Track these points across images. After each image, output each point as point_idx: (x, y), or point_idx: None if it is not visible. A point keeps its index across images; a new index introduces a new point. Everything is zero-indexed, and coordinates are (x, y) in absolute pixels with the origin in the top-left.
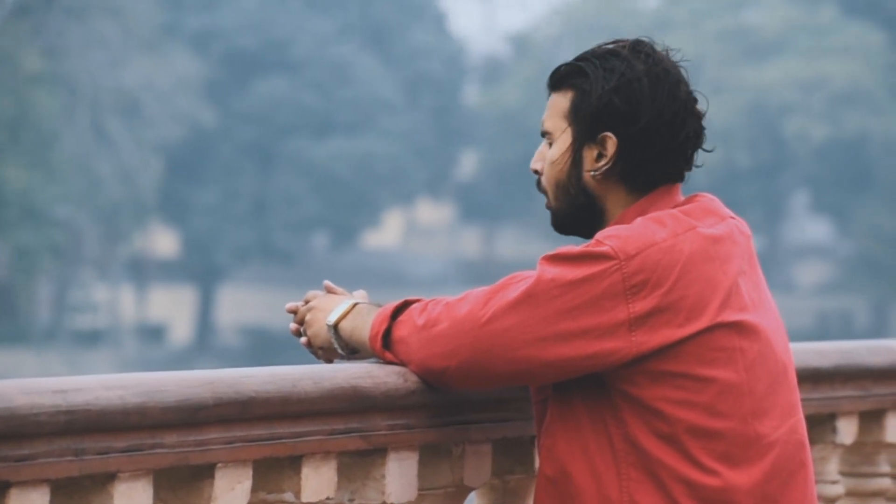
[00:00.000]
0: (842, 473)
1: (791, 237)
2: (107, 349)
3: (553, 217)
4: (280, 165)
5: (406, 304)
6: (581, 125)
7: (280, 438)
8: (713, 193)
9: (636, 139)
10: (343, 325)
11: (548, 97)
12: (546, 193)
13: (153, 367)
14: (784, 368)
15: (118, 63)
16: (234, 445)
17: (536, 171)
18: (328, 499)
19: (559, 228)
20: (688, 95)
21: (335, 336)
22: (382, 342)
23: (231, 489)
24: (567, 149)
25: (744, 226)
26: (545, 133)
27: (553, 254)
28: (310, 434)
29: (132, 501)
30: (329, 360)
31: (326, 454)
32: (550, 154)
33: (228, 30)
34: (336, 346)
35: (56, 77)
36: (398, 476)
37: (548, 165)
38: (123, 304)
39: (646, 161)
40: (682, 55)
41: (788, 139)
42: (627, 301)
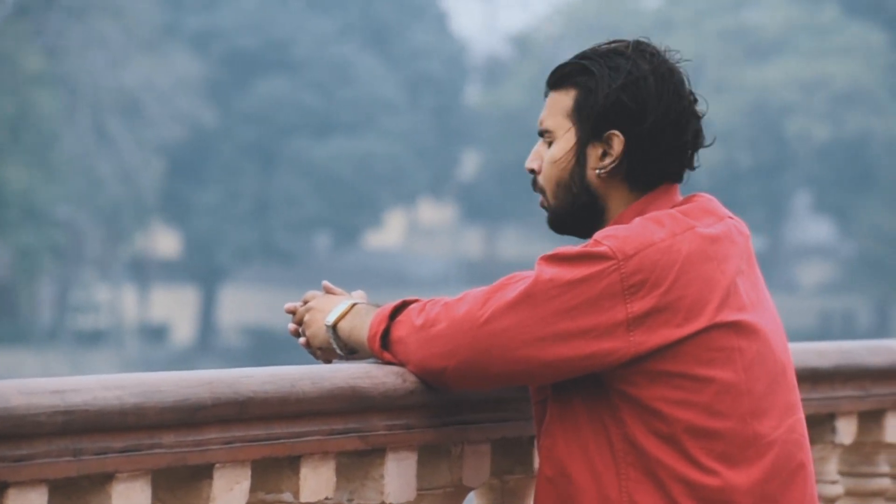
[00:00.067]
0: (841, 473)
1: (793, 237)
2: (109, 349)
3: (551, 216)
4: (281, 165)
5: (404, 305)
6: (586, 123)
7: (278, 439)
8: (715, 193)
9: (643, 138)
10: (342, 326)
11: (546, 96)
12: (543, 192)
13: (155, 368)
14: (783, 368)
15: (119, 63)
16: (233, 446)
17: (533, 171)
18: (327, 499)
19: (556, 228)
20: (690, 95)
21: (334, 336)
22: (381, 342)
23: (229, 489)
24: (571, 147)
25: (742, 226)
26: (544, 132)
27: (551, 254)
28: (308, 434)
29: (130, 501)
30: (328, 361)
31: (325, 454)
32: (551, 153)
33: (229, 30)
34: (335, 347)
35: (57, 77)
36: (397, 476)
37: (548, 164)
38: (125, 305)
39: (650, 160)
40: (682, 55)
41: (790, 139)
42: (625, 301)
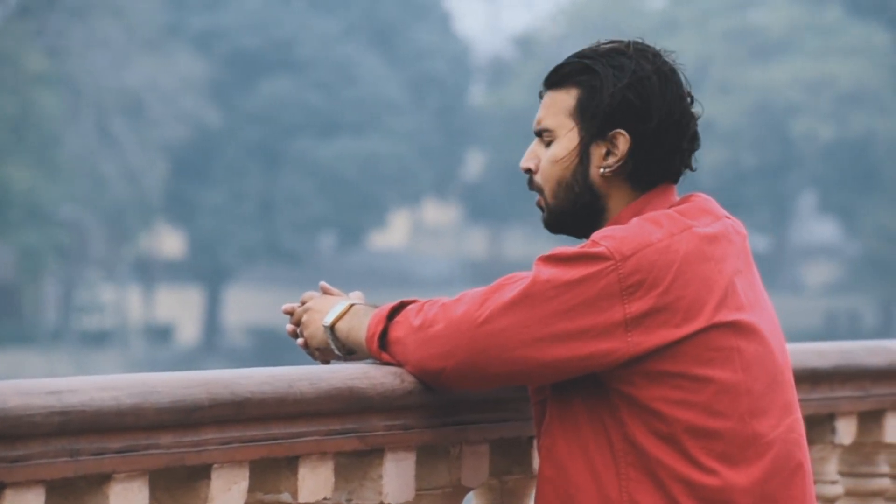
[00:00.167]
0: (841, 473)
1: (798, 237)
2: (114, 350)
3: (549, 215)
4: (286, 166)
5: (402, 305)
6: (590, 122)
7: (276, 439)
8: (720, 193)
9: (648, 137)
10: (340, 326)
11: (542, 95)
12: (541, 191)
13: (160, 368)
14: (781, 368)
15: (122, 63)
16: (231, 446)
17: (529, 170)
18: (325, 499)
19: (554, 227)
20: (689, 96)
21: (332, 337)
22: (379, 343)
23: (227, 490)
24: (575, 146)
25: (739, 225)
26: (543, 131)
27: (549, 254)
28: (306, 435)
29: (128, 502)
30: (326, 361)
31: (323, 455)
32: (553, 152)
33: (232, 30)
34: (333, 347)
35: (59, 77)
36: (395, 476)
37: (548, 163)
38: (130, 305)
39: (654, 160)
40: (677, 56)
41: (795, 139)
42: (623, 301)
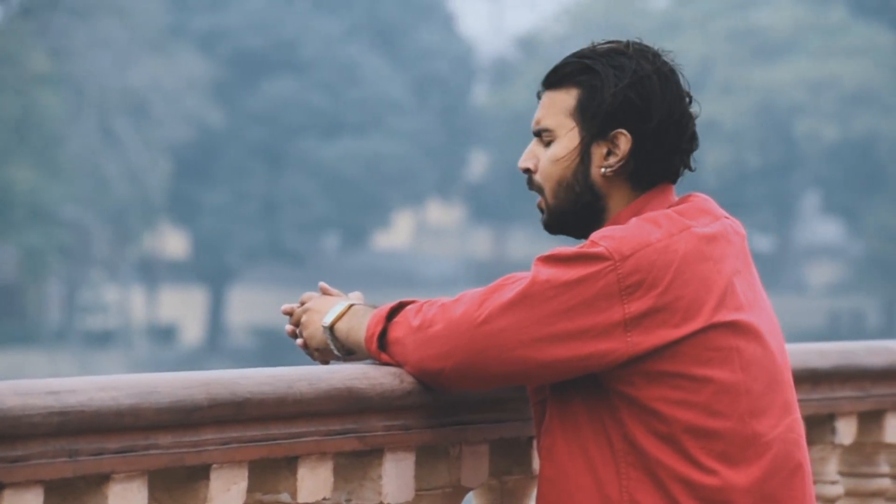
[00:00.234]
0: (841, 474)
1: (801, 238)
2: (117, 350)
3: (549, 216)
4: (289, 166)
5: (401, 306)
6: (591, 122)
7: (276, 439)
8: (723, 194)
9: (648, 137)
10: (339, 327)
11: (541, 95)
12: (541, 191)
13: (164, 368)
14: (780, 368)
15: (125, 63)
16: (230, 446)
17: (528, 170)
18: (325, 499)
19: (553, 227)
20: (688, 96)
21: (331, 337)
22: (378, 343)
23: (227, 490)
24: (575, 146)
25: (738, 225)
26: (543, 131)
27: (548, 255)
28: (306, 435)
29: (127, 502)
30: (325, 362)
31: (322, 455)
32: (553, 151)
33: (235, 30)
34: (332, 348)
35: (62, 77)
36: (395, 477)
37: (548, 163)
38: (134, 305)
39: (655, 160)
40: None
41: (798, 140)
42: (622, 302)
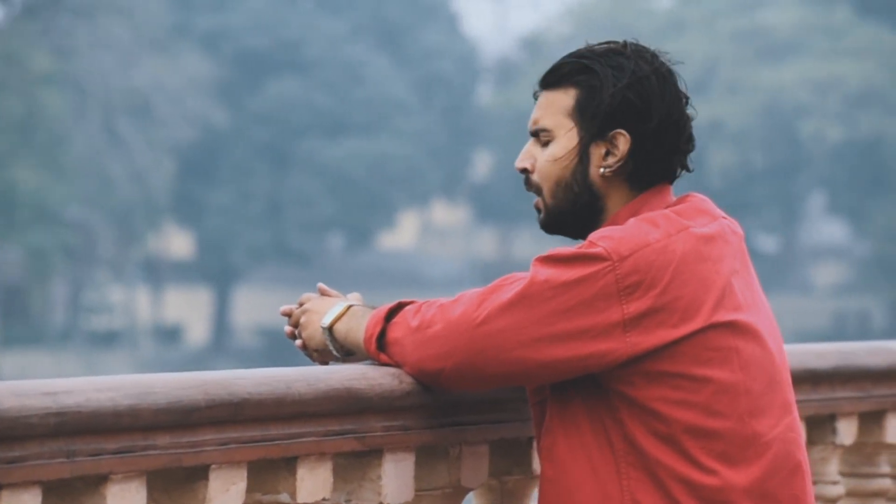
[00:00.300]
0: (842, 474)
1: (807, 238)
2: (123, 350)
3: (547, 216)
4: (294, 166)
5: (400, 306)
6: (590, 122)
7: (274, 440)
8: (729, 194)
9: (648, 137)
10: (338, 328)
11: (538, 95)
12: (539, 191)
13: (170, 369)
14: (779, 368)
15: (128, 63)
16: (229, 447)
17: (525, 170)
18: (324, 500)
19: (550, 227)
20: (685, 97)
21: (330, 338)
22: (377, 344)
23: (226, 490)
24: (574, 146)
25: (736, 226)
26: (540, 131)
27: (546, 255)
28: (305, 435)
29: (125, 503)
30: (324, 362)
31: (322, 455)
32: (551, 151)
33: (239, 30)
34: (331, 349)
35: (66, 77)
36: (395, 477)
37: (546, 163)
38: (139, 306)
39: (654, 160)
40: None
41: (804, 140)
42: (621, 302)
